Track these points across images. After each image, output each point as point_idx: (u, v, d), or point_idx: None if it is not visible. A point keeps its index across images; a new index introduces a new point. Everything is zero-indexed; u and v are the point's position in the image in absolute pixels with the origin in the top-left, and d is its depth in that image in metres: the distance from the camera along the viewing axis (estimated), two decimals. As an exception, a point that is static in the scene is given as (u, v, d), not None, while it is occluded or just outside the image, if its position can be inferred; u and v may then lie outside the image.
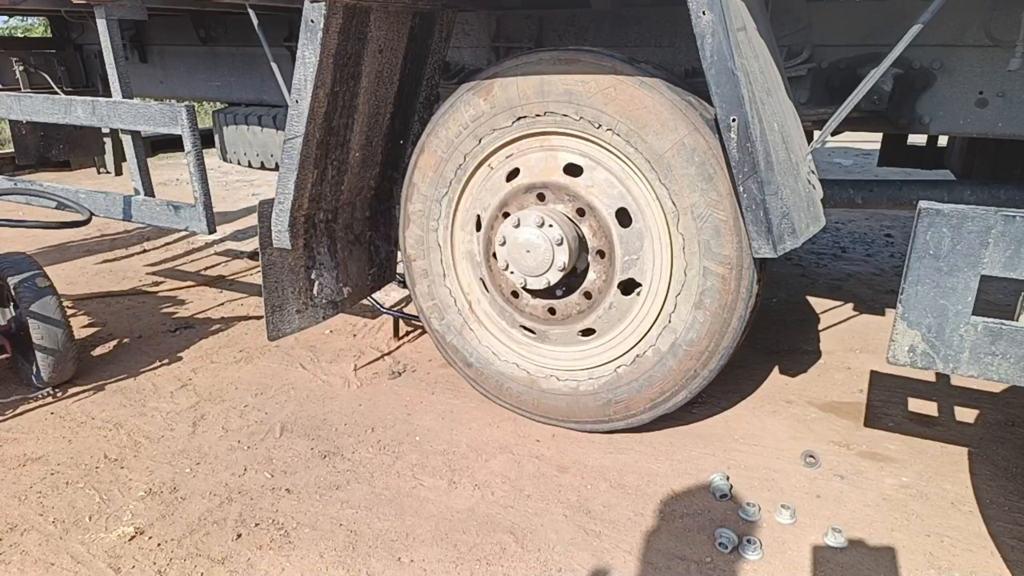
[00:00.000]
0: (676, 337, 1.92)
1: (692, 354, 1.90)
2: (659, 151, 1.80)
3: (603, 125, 1.86)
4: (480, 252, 2.18)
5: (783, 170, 1.64)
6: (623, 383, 2.03)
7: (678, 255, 1.87)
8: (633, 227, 1.93)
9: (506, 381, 2.23)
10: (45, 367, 2.36)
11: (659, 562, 1.65)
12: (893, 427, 2.23)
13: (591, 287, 2.02)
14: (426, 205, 2.23)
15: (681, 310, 1.89)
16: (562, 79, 1.87)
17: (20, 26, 11.72)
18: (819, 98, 2.08)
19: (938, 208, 1.24)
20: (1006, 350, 1.24)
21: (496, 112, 2.00)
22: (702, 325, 1.87)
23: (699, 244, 1.82)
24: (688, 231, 1.83)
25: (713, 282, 1.82)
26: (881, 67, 1.58)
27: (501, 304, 2.20)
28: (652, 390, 1.99)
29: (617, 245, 1.95)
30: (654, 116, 1.78)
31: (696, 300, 1.86)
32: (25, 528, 1.77)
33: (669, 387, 1.96)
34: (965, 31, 1.88)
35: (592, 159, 1.95)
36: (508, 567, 1.64)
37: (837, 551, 1.68)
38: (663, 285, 1.92)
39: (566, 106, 1.89)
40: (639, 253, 1.93)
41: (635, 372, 2.00)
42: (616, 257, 1.96)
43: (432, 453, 2.11)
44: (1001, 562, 1.64)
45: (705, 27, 1.51)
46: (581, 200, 1.97)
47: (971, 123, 1.98)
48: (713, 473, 1.96)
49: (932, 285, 1.27)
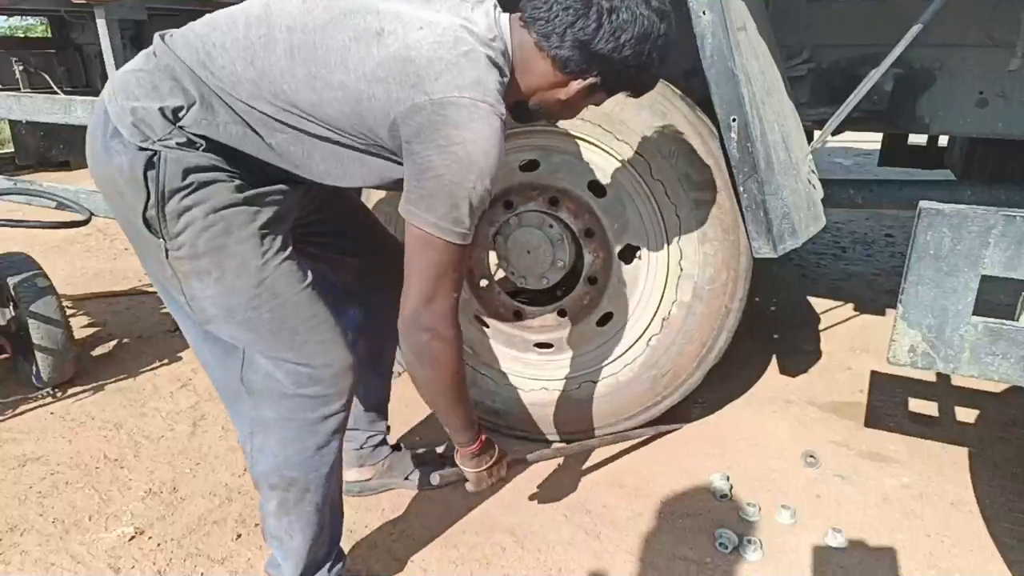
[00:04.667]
0: (695, 281, 1.85)
1: (716, 291, 1.83)
2: (606, 110, 1.74)
3: None
4: (467, 288, 2.07)
5: (783, 170, 1.63)
6: (661, 353, 1.93)
7: (663, 201, 1.83)
8: (610, 194, 1.89)
9: (540, 411, 2.07)
10: (45, 367, 2.36)
11: (659, 562, 1.65)
12: (893, 427, 2.23)
13: (592, 270, 1.98)
14: None
15: (688, 252, 1.84)
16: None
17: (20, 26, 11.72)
18: (819, 98, 2.08)
19: (938, 208, 1.23)
20: (1007, 350, 1.24)
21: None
22: (715, 256, 1.81)
23: (679, 180, 1.78)
24: (664, 173, 1.79)
25: (708, 210, 1.78)
26: (881, 67, 1.58)
27: (506, 332, 2.12)
28: (693, 346, 1.90)
29: (602, 218, 1.91)
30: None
31: (699, 235, 1.80)
32: (25, 528, 1.77)
33: (708, 334, 1.88)
34: (965, 31, 1.87)
35: (544, 148, 1.92)
36: (508, 567, 1.64)
37: (837, 551, 1.68)
38: (661, 236, 1.87)
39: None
40: (626, 217, 1.89)
41: (668, 336, 1.91)
42: (606, 230, 1.92)
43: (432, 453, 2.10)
44: (1001, 563, 1.64)
45: (705, 27, 1.51)
46: (549, 190, 1.94)
47: (971, 123, 1.98)
48: (713, 473, 1.96)
49: (932, 285, 1.26)
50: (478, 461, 1.45)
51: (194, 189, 1.14)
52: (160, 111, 1.13)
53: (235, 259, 1.18)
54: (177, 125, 1.13)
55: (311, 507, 1.35)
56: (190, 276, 1.20)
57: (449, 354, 1.25)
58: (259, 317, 1.22)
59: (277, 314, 1.22)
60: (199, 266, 1.18)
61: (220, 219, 1.16)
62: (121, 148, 1.14)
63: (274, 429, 1.30)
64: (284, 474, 1.31)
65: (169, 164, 1.13)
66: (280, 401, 1.27)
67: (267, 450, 1.31)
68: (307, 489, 1.33)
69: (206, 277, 1.19)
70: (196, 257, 1.17)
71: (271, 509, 1.36)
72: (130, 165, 1.14)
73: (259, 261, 1.19)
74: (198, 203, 1.15)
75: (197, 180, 1.14)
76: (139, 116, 1.13)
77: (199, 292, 1.20)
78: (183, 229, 1.15)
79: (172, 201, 1.14)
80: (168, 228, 1.16)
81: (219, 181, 1.16)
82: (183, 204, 1.14)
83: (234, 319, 1.22)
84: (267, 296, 1.21)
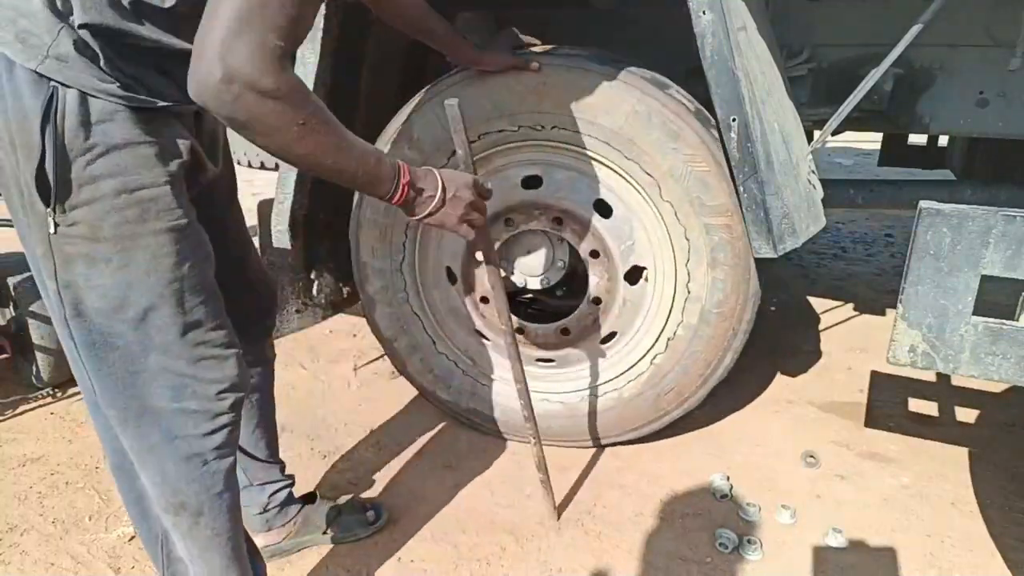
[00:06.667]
0: (702, 304, 1.81)
1: (724, 314, 1.80)
2: (614, 128, 1.71)
3: (545, 125, 1.77)
4: (467, 304, 2.05)
5: (784, 170, 1.63)
6: (666, 371, 1.91)
7: (673, 223, 1.77)
8: (616, 214, 1.85)
9: (543, 421, 2.04)
10: (45, 367, 2.36)
11: (659, 562, 1.65)
12: (894, 427, 2.23)
13: (597, 291, 1.94)
14: (387, 280, 2.06)
15: (697, 276, 1.80)
16: (484, 94, 1.77)
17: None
18: (819, 98, 2.08)
19: (938, 208, 1.23)
20: (1007, 350, 1.24)
21: (427, 157, 1.85)
22: (724, 282, 1.77)
23: (690, 203, 1.73)
24: (674, 195, 1.74)
25: (720, 235, 1.73)
26: (881, 67, 1.58)
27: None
28: (698, 365, 1.88)
29: (608, 239, 1.87)
30: (597, 96, 1.70)
31: (709, 260, 1.77)
32: (25, 528, 1.77)
33: (714, 355, 1.86)
34: (965, 31, 1.87)
35: (547, 164, 1.86)
36: (508, 567, 1.64)
37: (837, 551, 1.68)
38: (669, 259, 1.83)
39: (499, 121, 1.79)
40: (633, 238, 1.85)
41: (673, 356, 1.89)
42: (611, 251, 1.88)
43: (433, 453, 2.11)
44: (1002, 563, 1.64)
45: (705, 27, 1.51)
46: (552, 209, 1.88)
47: (972, 123, 1.98)
48: (713, 473, 1.96)
49: (932, 285, 1.26)
50: (422, 205, 1.17)
51: (101, 153, 0.97)
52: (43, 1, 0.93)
53: (147, 251, 1.03)
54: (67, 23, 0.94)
55: (208, 531, 1.20)
56: (74, 260, 1.01)
57: (282, 107, 0.89)
58: (159, 318, 1.06)
59: (178, 318, 1.07)
60: (95, 250, 1.00)
61: (135, 202, 1.00)
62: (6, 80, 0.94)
63: (157, 447, 1.14)
64: (171, 499, 1.17)
65: (68, 111, 0.94)
66: (159, 417, 1.12)
67: (150, 472, 1.16)
68: (200, 512, 1.18)
69: (101, 265, 1.01)
70: (95, 240, 0.99)
71: (172, 540, 1.24)
72: (15, 106, 0.94)
73: (174, 259, 1.05)
74: (107, 175, 0.98)
75: (104, 141, 0.97)
76: (20, 15, 0.93)
77: (82, 280, 1.02)
78: (84, 203, 0.98)
79: (75, 166, 0.96)
80: (63, 198, 0.97)
81: (132, 145, 0.99)
82: (88, 173, 0.97)
83: (123, 316, 1.04)
84: (173, 298, 1.06)
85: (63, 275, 1.02)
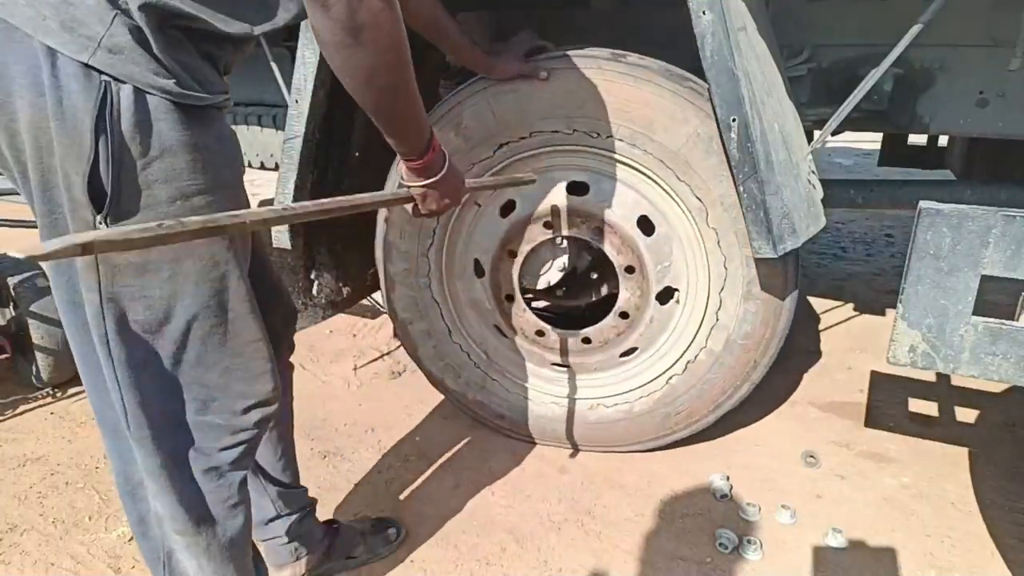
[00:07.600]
0: (729, 334, 1.80)
1: (749, 347, 1.79)
2: (672, 148, 1.70)
3: (601, 133, 1.74)
4: (490, 298, 2.04)
5: (783, 170, 1.63)
6: (680, 393, 1.91)
7: (713, 250, 1.76)
8: (658, 232, 1.81)
9: (548, 424, 2.07)
10: (45, 367, 2.36)
11: (659, 562, 1.65)
12: (894, 427, 2.23)
13: (627, 306, 1.90)
14: (411, 263, 2.03)
15: (728, 305, 1.79)
16: (544, 90, 1.73)
17: (20, 26, 11.65)
18: (819, 98, 2.07)
19: (938, 208, 1.23)
20: (1007, 350, 1.24)
21: (473, 146, 1.84)
22: (755, 315, 1.76)
23: (735, 233, 1.71)
24: (720, 223, 1.72)
25: (758, 270, 1.71)
26: (881, 67, 1.58)
27: (526, 347, 2.07)
28: (713, 391, 1.88)
29: (646, 257, 1.82)
30: (659, 112, 1.68)
31: (744, 292, 1.75)
32: (25, 528, 1.77)
33: (730, 384, 1.86)
34: (965, 31, 1.87)
35: (596, 172, 1.82)
36: (508, 567, 1.64)
37: (837, 551, 1.68)
38: (703, 284, 1.81)
39: (554, 121, 1.76)
40: (671, 259, 1.82)
41: (690, 379, 1.89)
42: (647, 269, 1.84)
43: (433, 454, 2.11)
44: (1002, 562, 1.64)
45: (705, 27, 1.51)
46: (595, 219, 1.84)
47: (971, 123, 1.97)
48: (713, 473, 1.96)
49: (932, 285, 1.26)
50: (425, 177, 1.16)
51: (156, 157, 0.92)
52: None
53: (199, 261, 0.99)
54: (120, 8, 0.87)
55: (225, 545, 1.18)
56: (124, 270, 0.96)
57: (391, 16, 0.88)
58: (200, 329, 1.03)
59: (219, 328, 1.04)
60: (147, 260, 0.96)
61: (190, 210, 0.95)
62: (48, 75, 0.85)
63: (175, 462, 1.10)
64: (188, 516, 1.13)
65: (124, 109, 0.88)
66: (181, 430, 1.08)
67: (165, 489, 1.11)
68: (216, 526, 1.16)
69: (152, 275, 0.97)
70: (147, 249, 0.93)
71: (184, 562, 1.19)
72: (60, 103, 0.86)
73: (223, 268, 1.02)
74: (162, 180, 0.93)
75: (159, 143, 0.91)
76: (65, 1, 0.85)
77: (130, 292, 0.97)
78: (138, 211, 0.92)
79: (132, 172, 0.90)
80: (116, 206, 0.91)
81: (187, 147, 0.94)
82: (144, 178, 0.91)
83: (167, 327, 1.01)
84: (217, 308, 1.03)
85: (108, 287, 0.96)
